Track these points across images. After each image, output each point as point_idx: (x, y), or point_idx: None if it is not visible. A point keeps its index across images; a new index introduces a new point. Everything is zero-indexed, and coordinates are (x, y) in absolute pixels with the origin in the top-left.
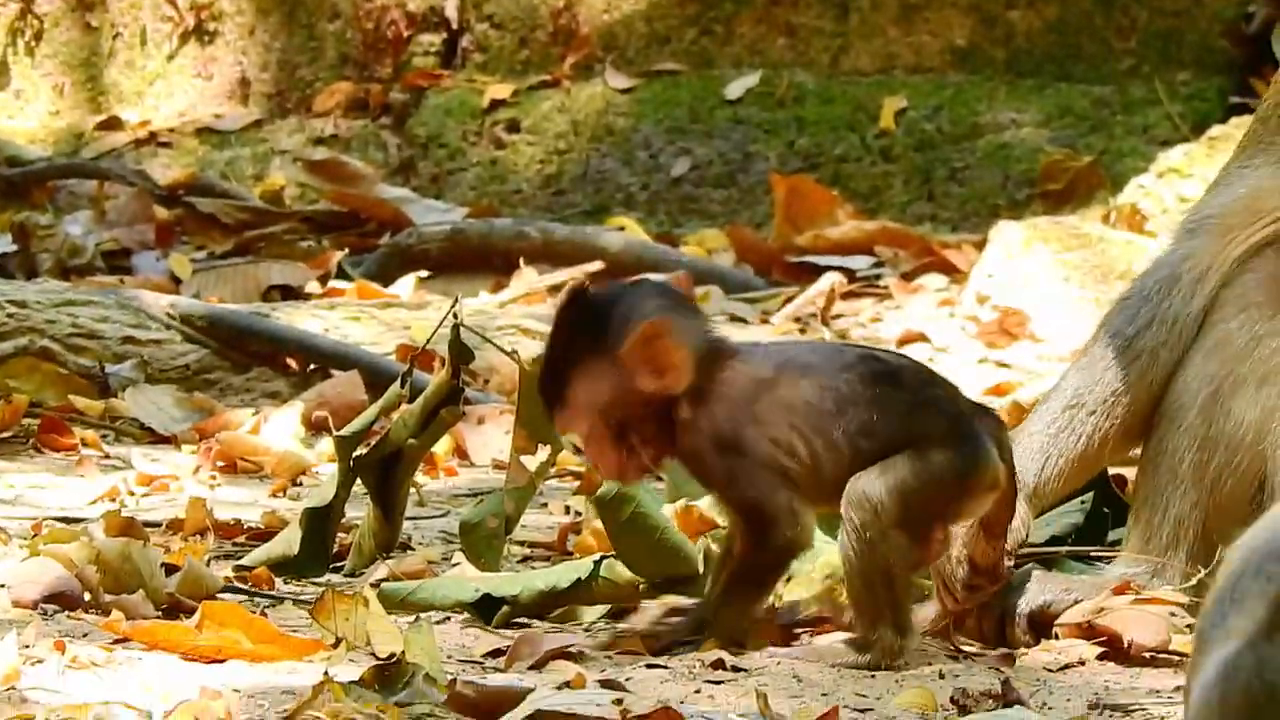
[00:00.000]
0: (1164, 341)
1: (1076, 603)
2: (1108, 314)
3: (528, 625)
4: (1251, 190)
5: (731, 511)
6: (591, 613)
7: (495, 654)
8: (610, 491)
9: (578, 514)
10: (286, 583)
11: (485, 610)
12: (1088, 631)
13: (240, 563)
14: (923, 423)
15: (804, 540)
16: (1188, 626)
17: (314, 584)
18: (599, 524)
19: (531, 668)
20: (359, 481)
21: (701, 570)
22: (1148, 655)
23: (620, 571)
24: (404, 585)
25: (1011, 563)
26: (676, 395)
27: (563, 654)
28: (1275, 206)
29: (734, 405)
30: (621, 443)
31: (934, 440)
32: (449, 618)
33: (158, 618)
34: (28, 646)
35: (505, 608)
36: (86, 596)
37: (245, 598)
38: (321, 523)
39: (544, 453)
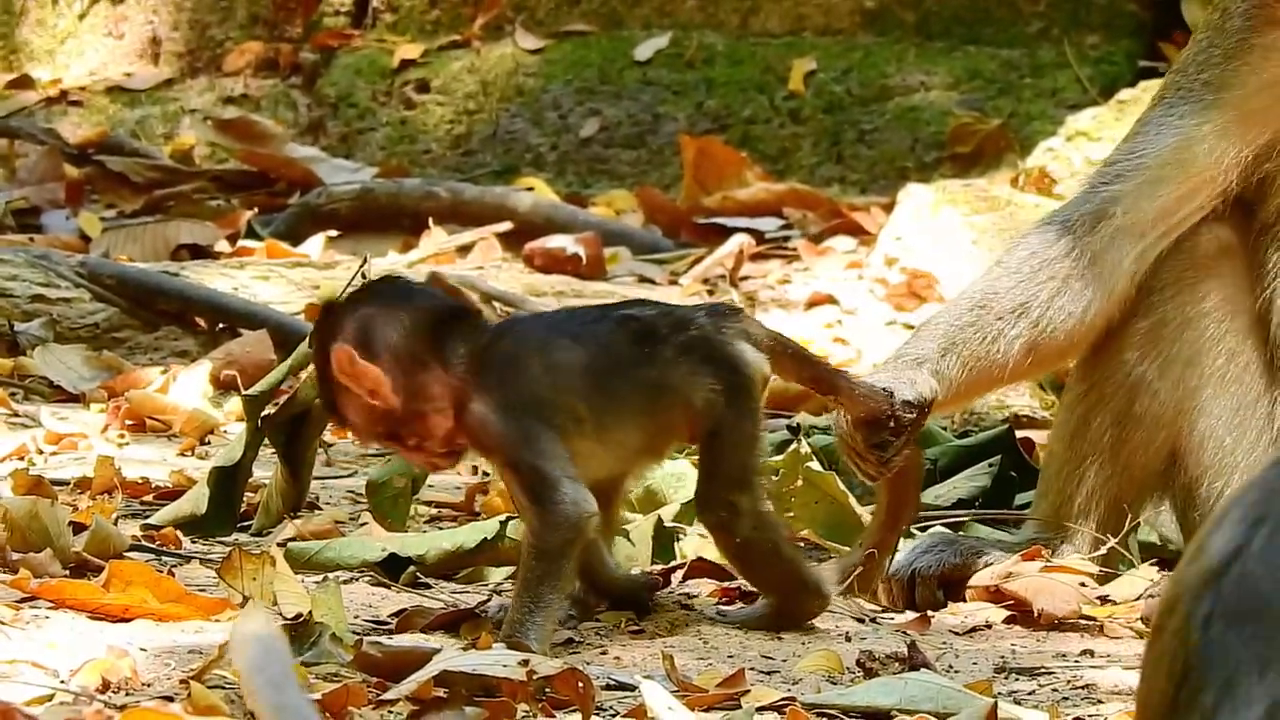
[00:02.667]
0: (1080, 274)
1: (986, 566)
2: (1025, 233)
3: (430, 585)
4: (1181, 139)
5: (517, 490)
6: (498, 573)
7: (401, 614)
8: None
9: (485, 475)
10: (194, 542)
11: (392, 570)
12: (996, 595)
13: (148, 521)
14: (689, 369)
15: (588, 516)
16: (1098, 598)
17: (221, 543)
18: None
19: (438, 629)
20: (267, 441)
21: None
22: (1055, 621)
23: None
24: (311, 545)
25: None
26: (400, 409)
27: (468, 615)
28: (1206, 162)
29: (505, 382)
30: (409, 441)
31: (712, 388)
32: (356, 578)
33: (65, 576)
34: None
35: (411, 568)
36: None
37: (153, 556)
38: (229, 482)
39: None
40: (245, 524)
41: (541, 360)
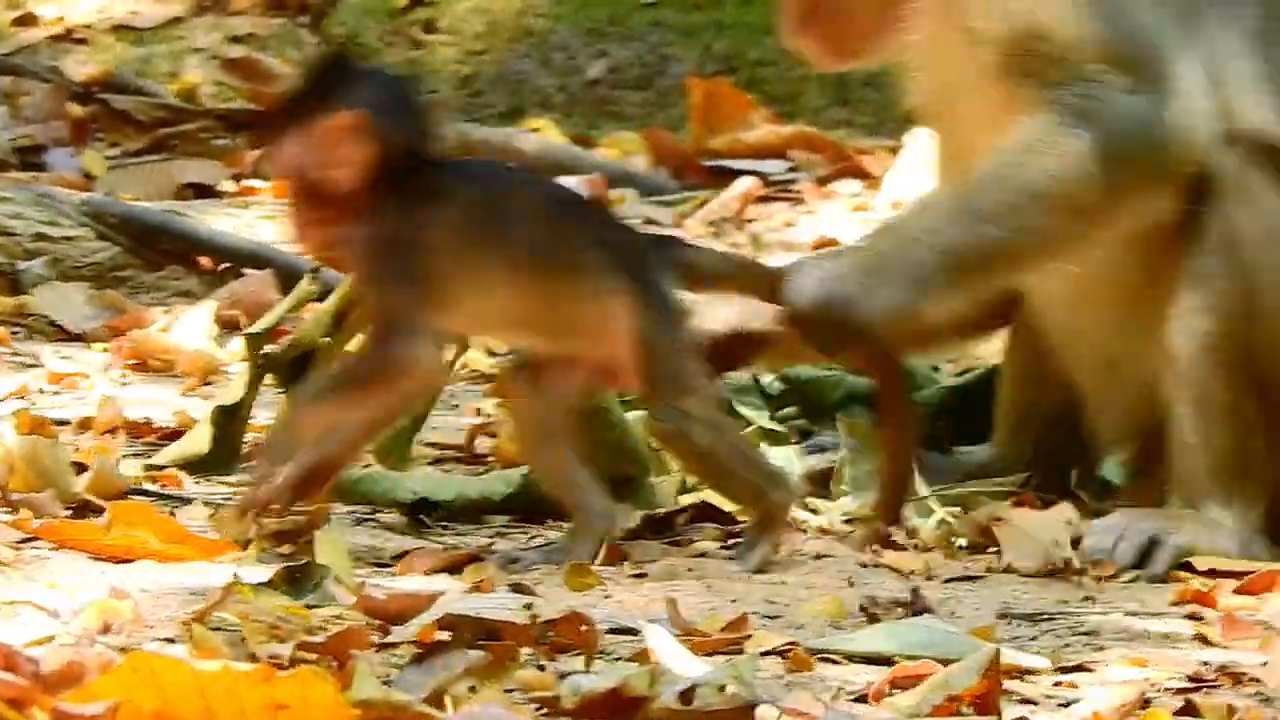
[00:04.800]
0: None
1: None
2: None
3: (430, 526)
4: None
5: (369, 313)
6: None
7: (403, 556)
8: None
9: (488, 416)
10: (196, 482)
11: (417, 512)
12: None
13: (150, 462)
14: (604, 257)
15: (420, 364)
16: (1074, 540)
17: (224, 483)
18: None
19: (443, 571)
20: (271, 380)
21: (653, 475)
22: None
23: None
24: (351, 473)
25: None
26: (345, 190)
27: (472, 558)
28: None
29: (411, 212)
30: (303, 212)
31: (626, 298)
32: (365, 518)
33: (66, 517)
34: None
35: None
36: None
37: (155, 498)
38: (231, 421)
39: (451, 353)
40: (248, 464)
41: (450, 209)
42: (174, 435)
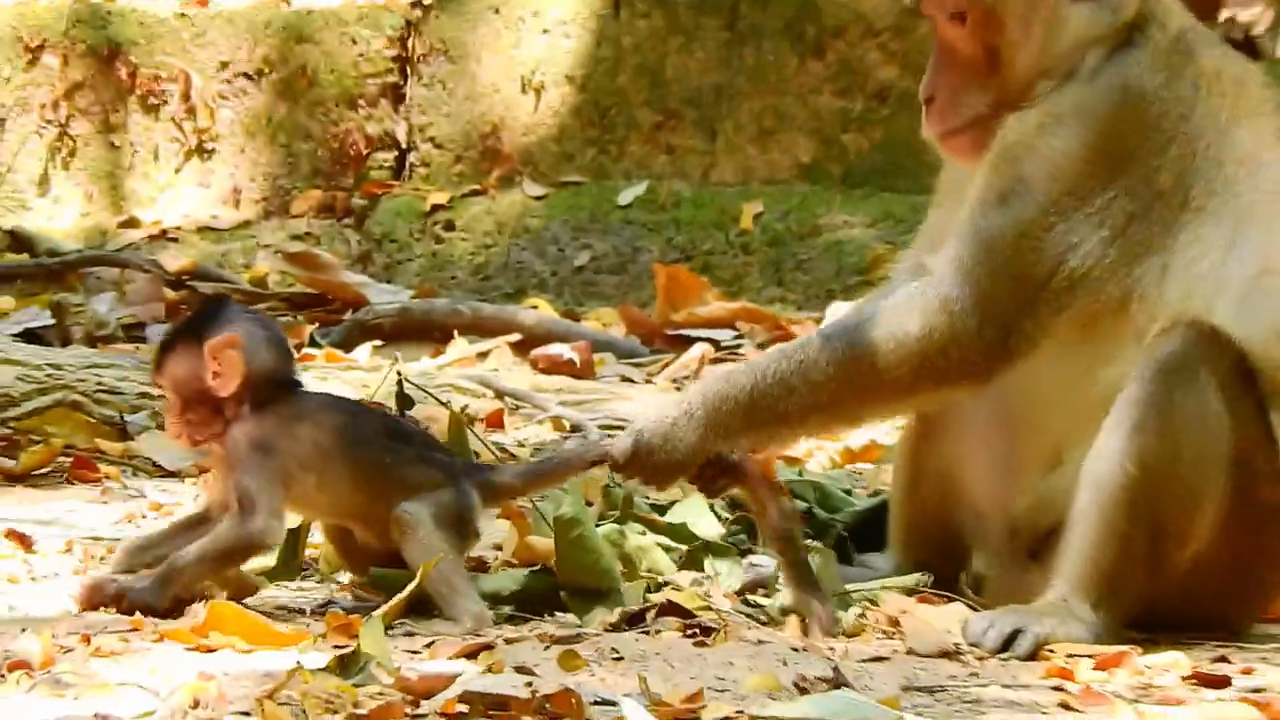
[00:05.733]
0: None
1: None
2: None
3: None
4: None
5: (234, 493)
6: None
7: (431, 644)
8: (566, 514)
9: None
10: (265, 588)
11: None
12: (895, 625)
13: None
14: (421, 471)
15: (273, 539)
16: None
17: (286, 587)
18: (530, 540)
19: (463, 656)
20: None
21: (618, 587)
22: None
23: (537, 580)
24: (390, 572)
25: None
26: (224, 396)
27: (486, 646)
28: None
29: (277, 423)
30: (186, 414)
31: (433, 485)
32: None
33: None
34: (55, 637)
35: None
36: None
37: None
38: (294, 538)
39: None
40: (305, 570)
41: (307, 426)
42: None
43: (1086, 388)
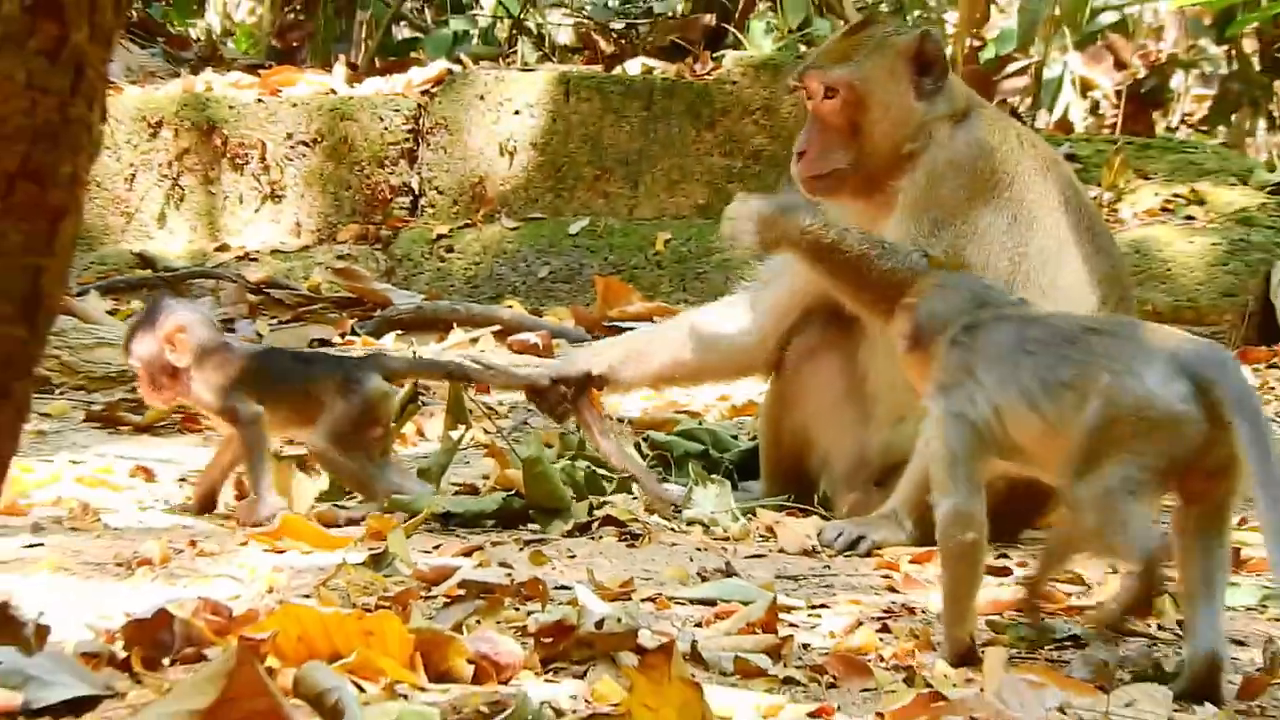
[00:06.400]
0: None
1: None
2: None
3: (454, 530)
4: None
5: (224, 417)
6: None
7: (438, 547)
8: (531, 455)
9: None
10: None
11: (446, 520)
12: (771, 531)
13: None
14: (327, 376)
15: (263, 421)
16: (818, 535)
17: (340, 506)
18: (508, 472)
19: (461, 554)
20: None
21: (569, 506)
22: (802, 550)
23: (513, 501)
24: (404, 498)
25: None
26: (186, 366)
27: (476, 548)
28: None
29: (224, 371)
30: (154, 382)
31: (338, 380)
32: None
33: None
34: (170, 543)
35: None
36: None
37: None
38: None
39: (462, 430)
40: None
41: (249, 366)
42: None
43: None
